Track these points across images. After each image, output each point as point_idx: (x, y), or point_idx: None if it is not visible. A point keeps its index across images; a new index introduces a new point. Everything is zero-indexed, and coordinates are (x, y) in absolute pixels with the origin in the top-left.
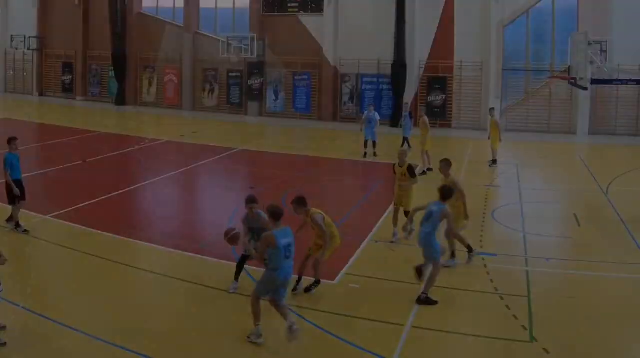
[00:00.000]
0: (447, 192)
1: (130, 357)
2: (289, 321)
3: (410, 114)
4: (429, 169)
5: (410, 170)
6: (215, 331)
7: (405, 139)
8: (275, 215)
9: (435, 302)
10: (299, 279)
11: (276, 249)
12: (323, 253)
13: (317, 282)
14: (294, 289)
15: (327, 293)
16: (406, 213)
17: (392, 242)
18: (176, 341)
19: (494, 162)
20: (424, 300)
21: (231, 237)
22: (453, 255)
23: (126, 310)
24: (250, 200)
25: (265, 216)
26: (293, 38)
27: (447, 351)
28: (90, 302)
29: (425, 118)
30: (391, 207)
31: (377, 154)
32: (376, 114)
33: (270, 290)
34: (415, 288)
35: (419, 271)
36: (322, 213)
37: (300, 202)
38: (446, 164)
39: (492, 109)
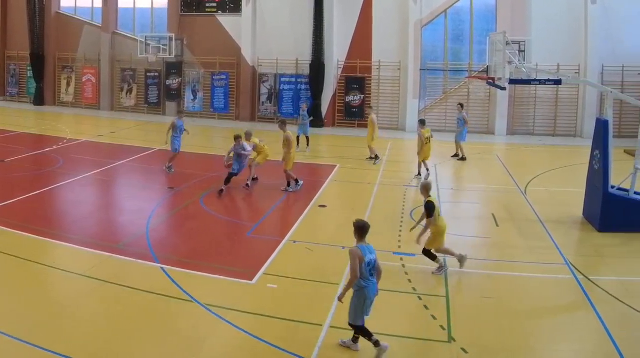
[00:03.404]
0: None
1: (49, 357)
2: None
3: (308, 112)
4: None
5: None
6: (133, 330)
7: (306, 138)
8: (361, 230)
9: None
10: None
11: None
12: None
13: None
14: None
15: (245, 294)
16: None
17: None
18: (95, 341)
19: (376, 158)
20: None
21: (227, 166)
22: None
23: (44, 310)
24: (236, 137)
25: (246, 145)
26: (211, 38)
27: (365, 351)
28: (8, 302)
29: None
30: (310, 206)
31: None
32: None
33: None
34: (333, 288)
35: None
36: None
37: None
38: None
39: (370, 108)
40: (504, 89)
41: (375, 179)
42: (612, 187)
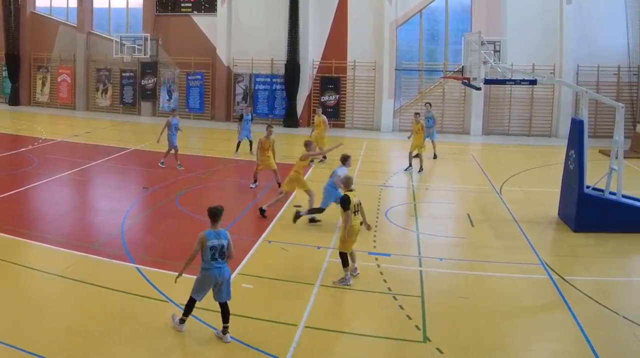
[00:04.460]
0: None
1: (24, 357)
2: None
3: (251, 115)
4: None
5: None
6: (109, 331)
7: (245, 142)
8: (212, 216)
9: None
10: None
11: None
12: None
13: None
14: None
15: None
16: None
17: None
18: (71, 341)
19: (324, 158)
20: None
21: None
22: None
23: (20, 310)
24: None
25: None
26: (186, 38)
27: (340, 351)
28: None
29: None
30: (285, 206)
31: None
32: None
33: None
34: (308, 288)
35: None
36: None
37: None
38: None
39: (317, 108)
40: (479, 89)
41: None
42: (587, 187)
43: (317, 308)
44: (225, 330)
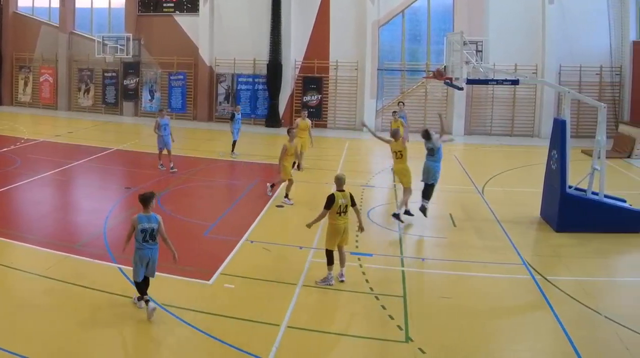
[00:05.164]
0: None
1: (7, 357)
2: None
3: (240, 116)
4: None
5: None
6: (91, 330)
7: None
8: (142, 201)
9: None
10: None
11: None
12: None
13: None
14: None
15: (202, 294)
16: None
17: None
18: (53, 341)
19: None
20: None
21: None
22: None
23: (2, 310)
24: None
25: None
26: (169, 38)
27: (322, 351)
28: None
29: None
30: (267, 206)
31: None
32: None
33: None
34: (291, 288)
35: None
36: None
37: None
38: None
39: (302, 110)
40: (461, 89)
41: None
42: (570, 187)
43: (300, 309)
44: (147, 301)
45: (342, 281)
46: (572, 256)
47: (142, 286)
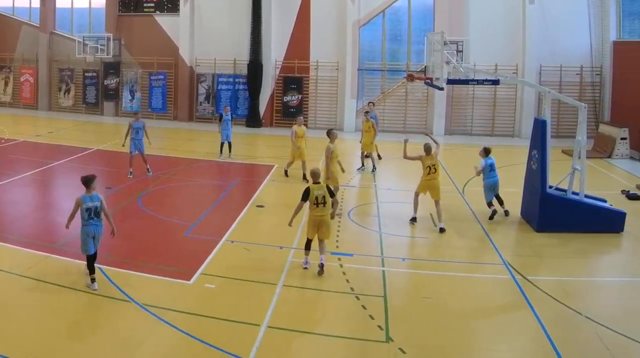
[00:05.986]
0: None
1: None
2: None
3: (230, 115)
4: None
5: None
6: (72, 330)
7: (223, 144)
8: (85, 183)
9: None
10: None
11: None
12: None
13: None
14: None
15: (183, 294)
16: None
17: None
18: (33, 341)
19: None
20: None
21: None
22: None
23: None
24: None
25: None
26: (149, 38)
27: (303, 351)
28: None
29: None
30: (248, 206)
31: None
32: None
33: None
34: (271, 288)
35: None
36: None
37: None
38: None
39: (298, 116)
40: (441, 89)
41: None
42: (550, 187)
43: (280, 309)
44: (93, 280)
45: (320, 273)
46: (552, 256)
47: (91, 260)
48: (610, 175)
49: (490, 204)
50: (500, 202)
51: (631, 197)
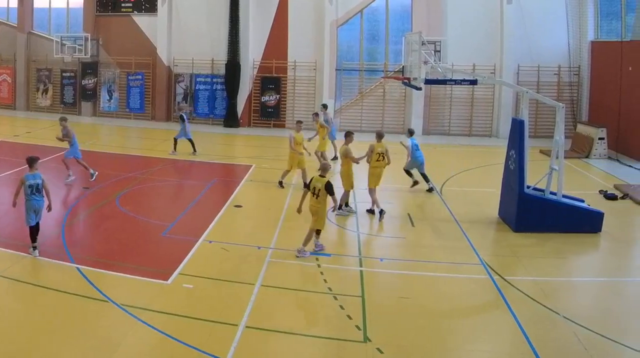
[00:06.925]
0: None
1: None
2: None
3: (186, 115)
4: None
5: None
6: (49, 331)
7: (190, 141)
8: (28, 163)
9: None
10: None
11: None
12: None
13: None
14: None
15: (161, 294)
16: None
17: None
18: (10, 341)
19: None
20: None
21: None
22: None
23: None
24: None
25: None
26: (127, 38)
27: (281, 351)
28: None
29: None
30: (226, 206)
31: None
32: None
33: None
34: (249, 288)
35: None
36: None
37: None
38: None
39: (298, 122)
40: (419, 89)
41: (291, 179)
42: (528, 187)
43: (258, 308)
44: (35, 248)
45: (297, 256)
46: (530, 256)
47: (34, 231)
48: (588, 175)
49: (409, 173)
50: (426, 180)
51: (609, 197)
